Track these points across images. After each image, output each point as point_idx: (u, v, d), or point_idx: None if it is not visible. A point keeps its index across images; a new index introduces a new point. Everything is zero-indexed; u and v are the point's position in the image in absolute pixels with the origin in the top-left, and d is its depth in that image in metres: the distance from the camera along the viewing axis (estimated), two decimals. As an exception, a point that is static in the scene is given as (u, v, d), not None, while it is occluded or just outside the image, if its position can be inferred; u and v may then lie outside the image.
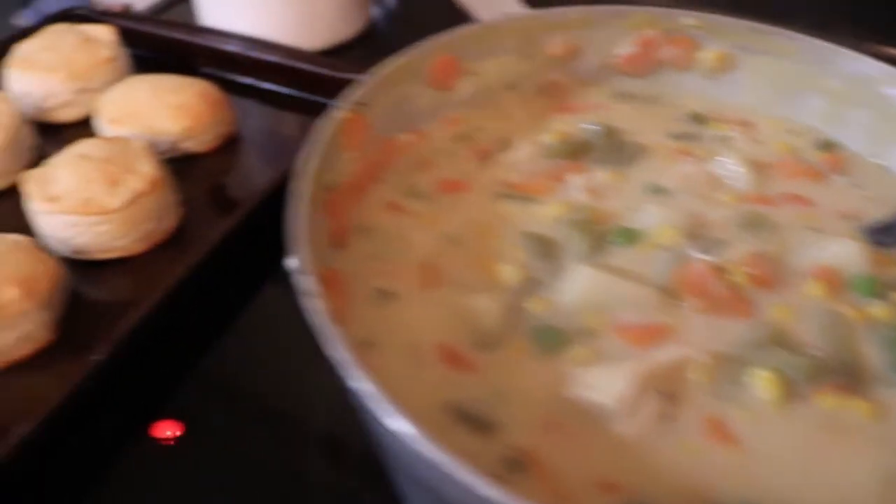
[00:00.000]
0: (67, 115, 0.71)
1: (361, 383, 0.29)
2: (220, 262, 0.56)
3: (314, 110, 0.72)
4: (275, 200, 0.58)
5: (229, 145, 0.69)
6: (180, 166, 0.64)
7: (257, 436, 0.50)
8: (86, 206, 0.56)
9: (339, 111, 0.41)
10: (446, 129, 0.48)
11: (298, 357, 0.53)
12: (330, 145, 0.40)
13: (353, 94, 0.42)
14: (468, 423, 0.34)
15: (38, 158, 0.68)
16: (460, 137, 0.48)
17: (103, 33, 0.74)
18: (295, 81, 0.73)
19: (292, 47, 0.74)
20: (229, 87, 0.72)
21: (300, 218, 0.35)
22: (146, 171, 0.59)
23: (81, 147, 0.60)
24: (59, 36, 0.72)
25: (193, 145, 0.66)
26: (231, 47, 0.75)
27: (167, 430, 0.50)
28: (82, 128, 0.72)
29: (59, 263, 0.54)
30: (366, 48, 0.82)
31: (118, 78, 0.73)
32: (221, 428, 0.51)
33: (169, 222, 0.60)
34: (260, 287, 0.59)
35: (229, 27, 0.79)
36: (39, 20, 0.78)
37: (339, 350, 0.29)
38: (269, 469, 0.47)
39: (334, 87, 0.71)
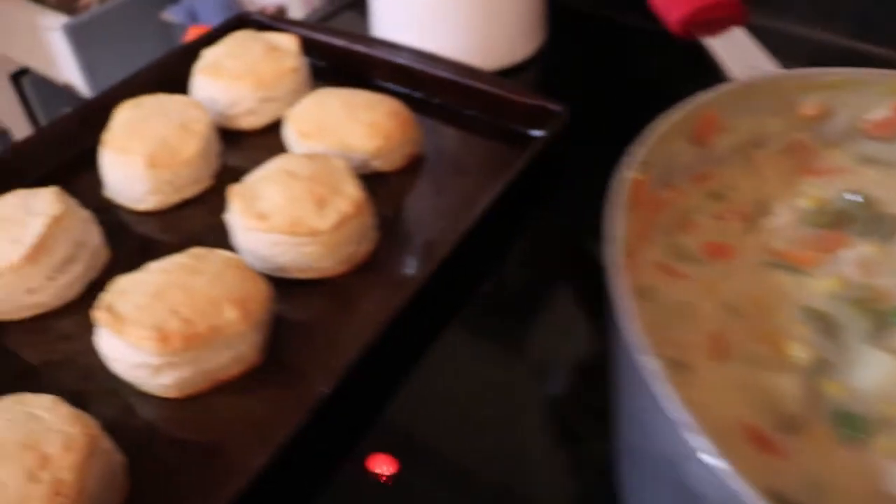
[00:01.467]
0: (250, 122, 0.70)
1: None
2: (429, 296, 0.54)
3: (497, 134, 0.71)
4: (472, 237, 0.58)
5: (414, 166, 0.67)
6: (367, 186, 0.62)
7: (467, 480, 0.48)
8: (294, 226, 0.54)
9: (630, 172, 0.39)
10: (699, 186, 0.46)
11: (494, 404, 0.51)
12: (624, 208, 0.38)
13: (638, 153, 0.40)
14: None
15: (223, 166, 0.67)
16: (713, 195, 0.46)
17: (287, 42, 0.72)
18: (476, 102, 0.71)
19: (475, 67, 0.72)
20: (405, 102, 0.70)
21: (622, 289, 0.33)
22: (351, 192, 0.57)
23: (284, 163, 0.59)
24: (244, 43, 0.71)
25: (381, 164, 0.65)
26: (414, 63, 0.73)
27: (382, 464, 0.49)
28: (263, 136, 0.71)
29: (269, 284, 0.53)
30: (538, 71, 0.80)
31: (300, 88, 0.72)
32: (436, 467, 0.49)
33: (367, 245, 0.58)
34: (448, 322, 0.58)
35: (400, 40, 0.77)
36: (220, 25, 0.78)
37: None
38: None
39: (520, 112, 0.71)
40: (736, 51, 0.51)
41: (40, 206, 0.56)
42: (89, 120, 0.70)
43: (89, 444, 0.43)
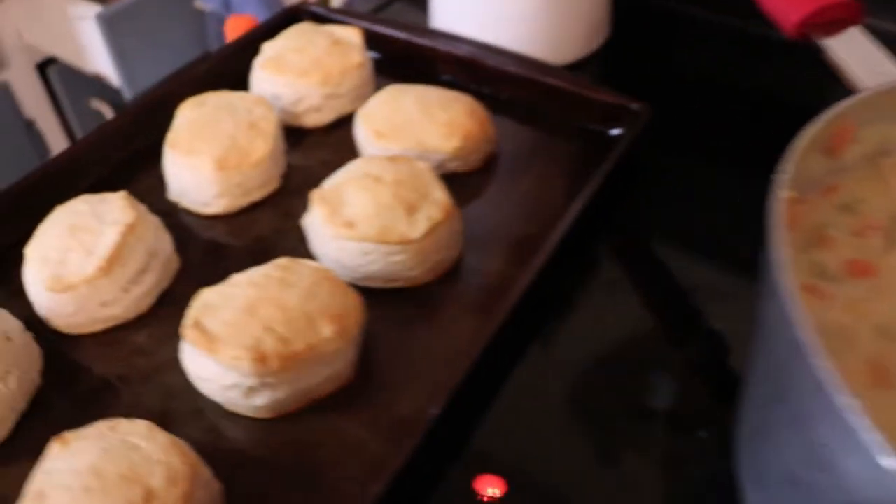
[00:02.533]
0: (315, 120, 0.66)
1: None
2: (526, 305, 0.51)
3: (570, 131, 0.67)
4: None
5: (489, 166, 0.63)
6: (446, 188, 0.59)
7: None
8: (384, 234, 0.51)
9: (784, 191, 0.35)
10: (828, 199, 0.43)
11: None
12: (785, 229, 0.34)
13: (787, 168, 0.36)
14: None
15: (288, 166, 0.63)
16: (844, 208, 0.43)
17: (350, 35, 0.68)
18: (548, 99, 0.67)
19: (548, 63, 0.68)
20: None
21: (806, 323, 0.30)
22: (440, 197, 0.53)
23: (366, 166, 0.55)
24: (307, 36, 0.67)
25: (459, 165, 0.61)
26: (484, 58, 0.69)
27: (489, 485, 0.46)
28: (327, 134, 0.67)
29: (361, 296, 0.49)
30: (600, 67, 0.76)
31: (365, 84, 0.68)
32: (544, 487, 0.46)
33: (454, 252, 0.55)
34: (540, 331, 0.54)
35: (459, 32, 0.73)
36: (276, 17, 0.73)
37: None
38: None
39: (597, 110, 0.66)
40: (857, 54, 0.48)
41: (111, 212, 0.52)
42: (144, 118, 0.66)
43: (192, 475, 0.40)
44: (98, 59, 1.03)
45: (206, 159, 0.57)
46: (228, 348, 0.44)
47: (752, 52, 0.78)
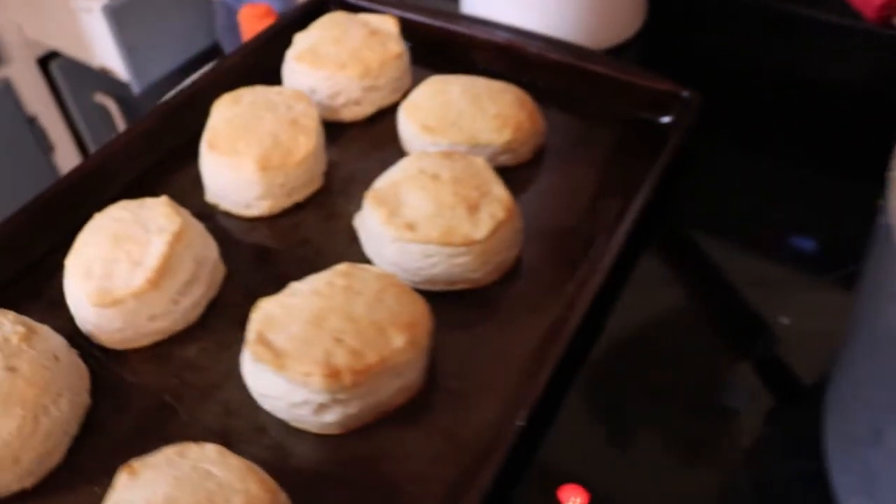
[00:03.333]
0: (353, 114, 0.63)
1: None
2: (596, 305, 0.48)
3: (616, 120, 0.62)
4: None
5: (538, 158, 0.60)
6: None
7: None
8: (447, 235, 0.48)
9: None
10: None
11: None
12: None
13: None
14: None
15: (328, 163, 0.60)
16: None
17: (385, 24, 0.65)
18: (591, 86, 0.64)
19: (590, 49, 0.65)
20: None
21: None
22: (501, 194, 0.50)
23: (420, 163, 0.52)
24: (341, 27, 0.63)
25: (509, 159, 0.58)
26: (524, 44, 0.65)
27: (574, 495, 0.43)
28: (365, 129, 0.64)
29: (427, 302, 0.46)
30: (639, 52, 0.73)
31: (403, 75, 0.64)
32: (627, 497, 0.44)
33: (515, 251, 0.52)
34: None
35: (493, 17, 0.70)
36: (304, 6, 0.69)
37: None
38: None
39: (643, 98, 0.62)
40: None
41: (155, 220, 0.49)
42: (174, 117, 0.62)
43: (272, 503, 0.37)
44: (104, 52, 0.98)
45: (248, 159, 0.53)
46: (298, 364, 0.41)
47: (785, 31, 0.75)
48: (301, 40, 0.63)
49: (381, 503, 0.41)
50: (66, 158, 1.18)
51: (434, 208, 0.49)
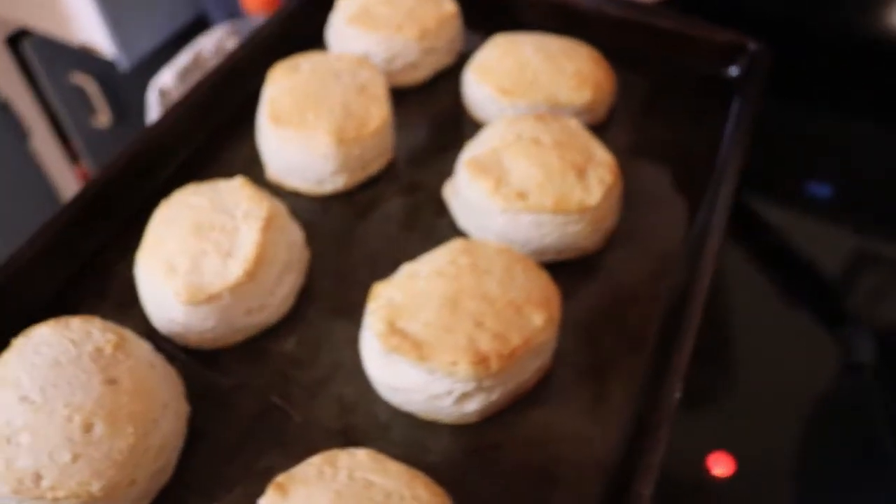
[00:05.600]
0: (411, 78, 0.57)
1: None
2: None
3: (678, 75, 0.58)
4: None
5: (612, 118, 0.56)
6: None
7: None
8: (561, 203, 0.43)
9: None
10: None
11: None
12: None
13: None
14: None
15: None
16: None
17: (435, -18, 0.58)
18: (646, 41, 0.59)
19: (643, 2, 0.60)
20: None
21: None
22: (605, 157, 0.46)
23: (517, 128, 0.46)
24: (391, -15, 0.57)
25: (588, 119, 0.53)
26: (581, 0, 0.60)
27: (722, 464, 0.40)
28: (423, 93, 0.58)
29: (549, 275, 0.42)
30: (685, 4, 0.68)
31: (458, 35, 0.59)
32: (774, 465, 0.41)
33: (618, 216, 0.48)
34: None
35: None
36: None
37: None
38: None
39: (705, 51, 0.58)
40: None
41: (239, 204, 0.43)
42: (218, 92, 0.55)
43: (445, 508, 0.33)
44: (85, 27, 0.88)
45: (322, 132, 0.47)
46: (441, 353, 0.36)
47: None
48: (349, 2, 0.56)
49: (537, 491, 0.38)
50: (44, 145, 1.06)
51: (543, 175, 0.44)
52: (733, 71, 0.58)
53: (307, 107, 0.48)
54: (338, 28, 0.56)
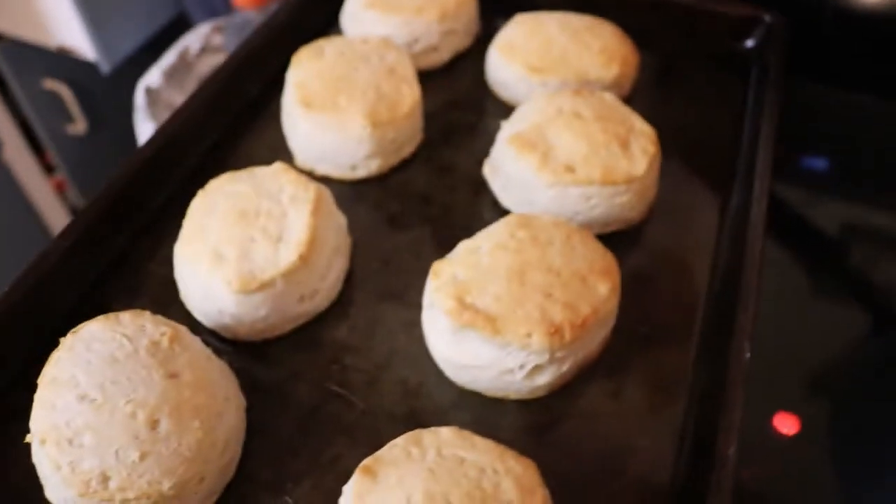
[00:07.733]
0: (432, 60, 0.56)
1: None
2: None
3: (692, 51, 0.58)
4: None
5: (636, 93, 0.56)
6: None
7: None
8: (609, 174, 0.43)
9: None
10: None
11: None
12: None
13: None
14: None
15: (418, 117, 0.53)
16: None
17: (449, -36, 0.58)
18: (660, 17, 0.60)
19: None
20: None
21: None
22: (644, 128, 0.46)
23: (557, 103, 0.46)
24: (407, -32, 0.56)
25: (615, 94, 0.53)
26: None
27: (787, 423, 0.40)
28: (445, 75, 0.57)
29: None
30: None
31: (476, 16, 0.58)
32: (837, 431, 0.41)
33: (658, 187, 0.48)
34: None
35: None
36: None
37: None
38: None
39: (720, 26, 0.58)
40: None
41: (283, 189, 0.41)
42: (233, 82, 0.53)
43: (537, 475, 0.32)
44: (64, 29, 0.85)
45: (356, 115, 0.46)
46: (515, 325, 0.36)
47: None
48: (365, -15, 0.55)
49: (613, 460, 0.37)
50: (18, 155, 1.02)
51: (588, 148, 0.44)
52: (749, 43, 0.58)
53: (338, 90, 0.47)
54: (354, 12, 0.55)
